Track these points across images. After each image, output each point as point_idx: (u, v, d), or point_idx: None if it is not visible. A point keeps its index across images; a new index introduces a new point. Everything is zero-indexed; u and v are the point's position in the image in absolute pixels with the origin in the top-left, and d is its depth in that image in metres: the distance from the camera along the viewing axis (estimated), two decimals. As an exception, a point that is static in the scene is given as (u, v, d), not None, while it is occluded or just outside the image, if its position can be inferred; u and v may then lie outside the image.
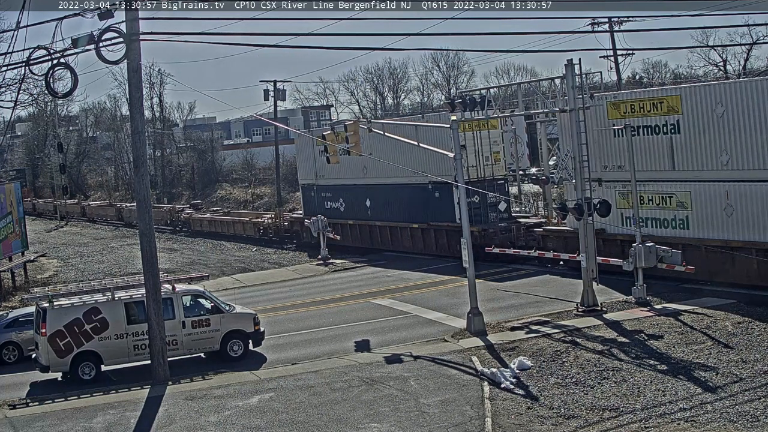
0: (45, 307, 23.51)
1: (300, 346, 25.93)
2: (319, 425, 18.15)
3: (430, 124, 34.04)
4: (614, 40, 61.78)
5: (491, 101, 28.34)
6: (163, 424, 19.06)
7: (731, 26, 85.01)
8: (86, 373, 23.54)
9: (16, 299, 36.24)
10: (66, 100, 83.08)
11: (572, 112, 26.11)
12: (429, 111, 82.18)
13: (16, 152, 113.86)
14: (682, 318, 24.17)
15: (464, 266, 25.86)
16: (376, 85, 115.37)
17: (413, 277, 35.78)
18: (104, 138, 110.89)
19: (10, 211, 41.61)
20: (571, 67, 25.77)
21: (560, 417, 17.85)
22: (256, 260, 45.59)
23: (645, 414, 17.52)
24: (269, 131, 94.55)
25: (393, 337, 25.82)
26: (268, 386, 21.25)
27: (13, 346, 26.62)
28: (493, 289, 30.93)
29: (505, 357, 22.29)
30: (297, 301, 33.42)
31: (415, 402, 19.16)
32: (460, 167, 26.05)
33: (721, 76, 73.17)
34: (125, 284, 25.32)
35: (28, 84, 39.24)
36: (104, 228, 69.74)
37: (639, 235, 27.01)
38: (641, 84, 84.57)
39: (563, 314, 26.09)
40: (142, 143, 23.55)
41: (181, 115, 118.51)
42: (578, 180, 26.32)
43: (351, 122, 29.89)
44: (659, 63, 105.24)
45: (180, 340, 24.16)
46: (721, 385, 18.69)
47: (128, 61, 22.29)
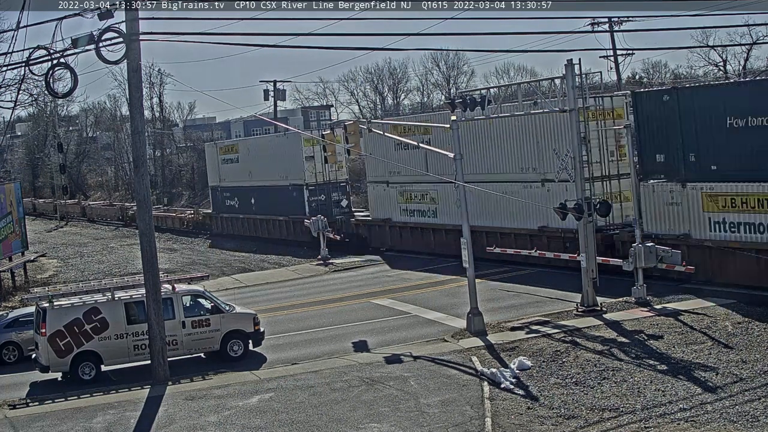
0: (45, 307, 23.52)
1: (300, 346, 25.93)
2: (319, 425, 18.15)
3: (430, 124, 34.09)
4: (614, 40, 61.77)
5: (491, 101, 28.33)
6: (163, 424, 19.07)
7: (731, 26, 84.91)
8: (86, 373, 23.54)
9: (16, 299, 36.25)
10: (66, 100, 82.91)
11: (572, 112, 26.10)
12: (429, 111, 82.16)
13: (16, 152, 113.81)
14: (682, 318, 24.16)
15: (464, 266, 25.85)
16: (376, 85, 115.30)
17: (413, 277, 35.80)
18: (104, 138, 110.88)
19: (10, 211, 41.62)
20: (571, 67, 25.76)
21: (560, 417, 17.86)
22: (256, 260, 45.60)
23: (645, 414, 17.52)
24: (269, 131, 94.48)
25: (393, 337, 25.82)
26: (268, 386, 21.25)
27: (13, 346, 26.63)
28: (493, 289, 30.93)
29: (505, 357, 22.29)
30: (297, 301, 33.43)
31: (415, 402, 19.16)
32: (460, 167, 26.01)
33: (721, 76, 73.17)
34: (125, 284, 25.31)
35: (28, 84, 39.26)
36: (104, 228, 69.78)
37: (639, 235, 27.04)
38: (641, 84, 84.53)
39: (563, 314, 26.08)
40: (142, 143, 23.56)
41: (181, 115, 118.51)
42: (578, 180, 26.31)
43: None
44: (659, 63, 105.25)
45: (180, 340, 24.16)
46: (721, 385, 18.69)
47: (128, 61, 22.29)
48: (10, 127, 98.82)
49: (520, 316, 26.66)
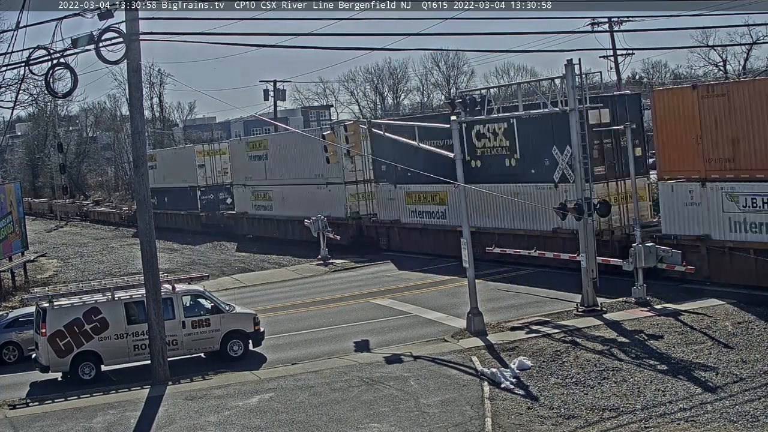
0: (45, 307, 23.51)
1: (300, 346, 25.93)
2: (319, 425, 18.15)
3: (431, 125, 34.05)
4: (614, 40, 61.84)
5: (491, 101, 28.32)
6: (163, 424, 19.07)
7: (731, 26, 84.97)
8: (86, 373, 23.54)
9: (16, 299, 36.25)
10: (66, 100, 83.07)
11: (572, 112, 26.09)
12: (429, 111, 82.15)
13: (16, 152, 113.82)
14: (682, 318, 24.15)
15: (464, 266, 25.86)
16: (376, 85, 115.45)
17: (413, 277, 35.80)
18: (104, 138, 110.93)
19: (10, 211, 41.64)
20: (571, 67, 25.73)
21: (560, 417, 17.86)
22: (256, 260, 45.60)
23: (645, 414, 17.52)
24: (269, 131, 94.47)
25: (393, 337, 25.82)
26: (268, 386, 21.25)
27: (13, 346, 26.64)
28: (493, 289, 30.93)
29: (505, 357, 22.29)
30: (297, 301, 33.43)
31: (415, 402, 19.16)
32: (460, 167, 26.03)
33: (721, 76, 73.21)
34: (125, 284, 25.31)
35: (28, 84, 39.35)
36: (104, 228, 69.77)
37: (638, 235, 27.03)
38: (641, 84, 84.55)
39: (563, 314, 26.08)
40: (142, 143, 23.56)
41: (181, 115, 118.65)
42: (578, 180, 26.29)
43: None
44: (659, 63, 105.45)
45: (180, 340, 24.16)
46: (721, 385, 18.69)
47: (128, 61, 22.29)
48: (10, 127, 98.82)
49: (520, 316, 26.65)
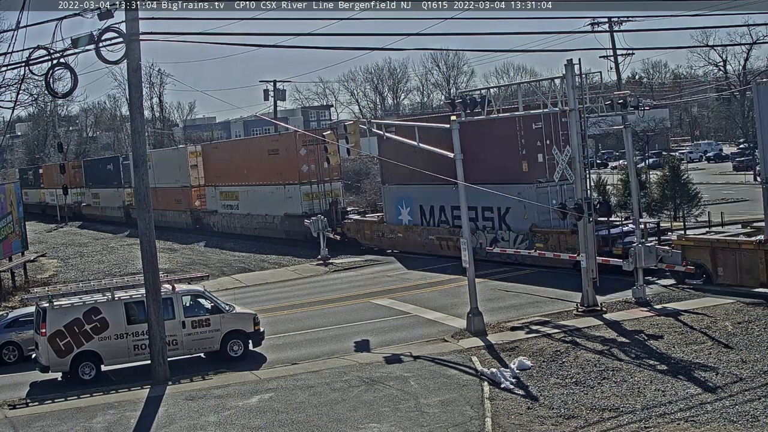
0: (45, 307, 23.50)
1: (300, 346, 25.93)
2: (319, 425, 18.15)
3: (431, 125, 34.04)
4: (614, 40, 61.98)
5: (491, 101, 28.32)
6: (163, 424, 19.06)
7: (731, 26, 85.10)
8: (86, 373, 23.52)
9: (16, 299, 36.22)
10: (66, 100, 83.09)
11: (572, 112, 26.10)
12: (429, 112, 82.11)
13: (16, 152, 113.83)
14: (682, 318, 24.16)
15: (464, 266, 25.86)
16: (376, 85, 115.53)
17: (413, 277, 35.79)
18: (104, 138, 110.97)
19: (10, 211, 41.62)
20: (571, 67, 25.76)
21: (560, 417, 17.85)
22: (256, 260, 45.59)
23: (645, 414, 17.52)
24: (269, 131, 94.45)
25: (393, 337, 25.82)
26: (268, 386, 21.25)
27: (13, 346, 26.62)
28: (493, 289, 30.93)
29: (505, 357, 22.29)
30: (297, 301, 33.42)
31: (415, 402, 19.16)
32: (460, 167, 26.03)
33: (721, 76, 73.21)
34: (125, 284, 25.29)
35: (28, 84, 39.35)
36: (104, 228, 69.71)
37: (638, 235, 27.04)
38: (641, 84, 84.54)
39: (563, 314, 26.09)
40: (142, 143, 23.55)
41: (181, 115, 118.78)
42: (578, 180, 26.30)
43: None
44: (659, 63, 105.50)
45: (180, 340, 24.15)
46: (721, 385, 18.69)
47: (128, 61, 22.28)
48: (10, 127, 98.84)
49: (520, 316, 26.66)
